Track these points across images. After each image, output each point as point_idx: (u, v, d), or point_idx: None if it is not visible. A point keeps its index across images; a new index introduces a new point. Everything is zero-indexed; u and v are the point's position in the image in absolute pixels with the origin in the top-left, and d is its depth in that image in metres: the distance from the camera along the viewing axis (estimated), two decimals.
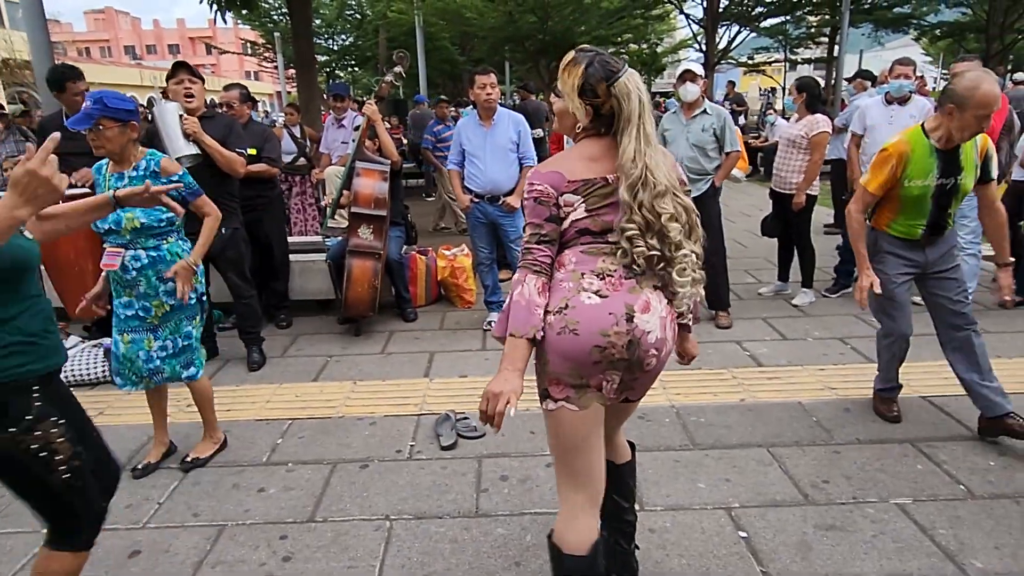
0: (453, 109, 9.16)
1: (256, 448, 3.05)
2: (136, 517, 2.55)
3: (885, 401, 3.20)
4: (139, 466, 2.85)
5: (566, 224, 1.65)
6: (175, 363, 2.77)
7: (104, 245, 2.67)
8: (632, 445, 2.05)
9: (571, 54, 1.66)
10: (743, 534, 2.35)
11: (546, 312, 1.60)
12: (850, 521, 2.40)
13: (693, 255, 1.68)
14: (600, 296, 1.60)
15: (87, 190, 3.83)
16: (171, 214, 2.54)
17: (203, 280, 2.86)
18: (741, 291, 5.29)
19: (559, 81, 1.68)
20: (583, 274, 1.63)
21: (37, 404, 1.58)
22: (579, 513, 1.68)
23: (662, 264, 1.64)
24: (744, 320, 4.59)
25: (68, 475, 1.62)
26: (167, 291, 2.68)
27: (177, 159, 3.53)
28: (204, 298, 2.89)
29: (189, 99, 3.72)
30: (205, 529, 2.46)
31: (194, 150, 3.60)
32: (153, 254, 2.65)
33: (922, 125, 2.81)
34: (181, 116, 3.58)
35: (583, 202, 1.63)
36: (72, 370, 3.74)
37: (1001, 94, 2.68)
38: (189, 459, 2.89)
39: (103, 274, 2.63)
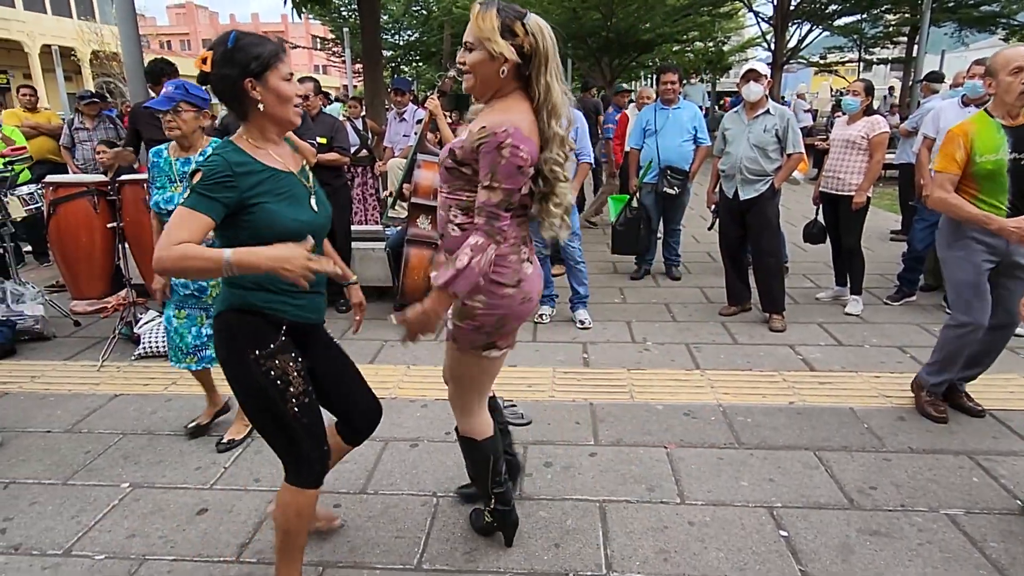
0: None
1: None
2: (204, 479, 2.75)
3: (933, 398, 3.14)
4: (189, 425, 3.10)
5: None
6: None
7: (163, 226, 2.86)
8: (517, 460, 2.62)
9: (475, 5, 1.72)
10: (784, 533, 2.35)
11: (501, 284, 1.84)
12: (896, 528, 2.37)
13: (569, 197, 1.91)
14: (530, 262, 1.92)
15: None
16: None
17: None
18: (798, 295, 5.20)
19: (472, 31, 1.73)
20: (518, 246, 1.88)
21: (283, 339, 1.82)
22: (484, 413, 2.14)
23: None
24: (799, 324, 4.51)
25: (297, 409, 1.81)
26: None
27: None
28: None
29: None
30: (265, 494, 2.64)
31: None
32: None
33: (986, 108, 2.91)
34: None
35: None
36: (149, 341, 4.03)
37: None
38: (225, 440, 2.99)
39: None
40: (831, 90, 23.09)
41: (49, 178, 4.98)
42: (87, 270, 4.77)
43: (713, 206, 4.97)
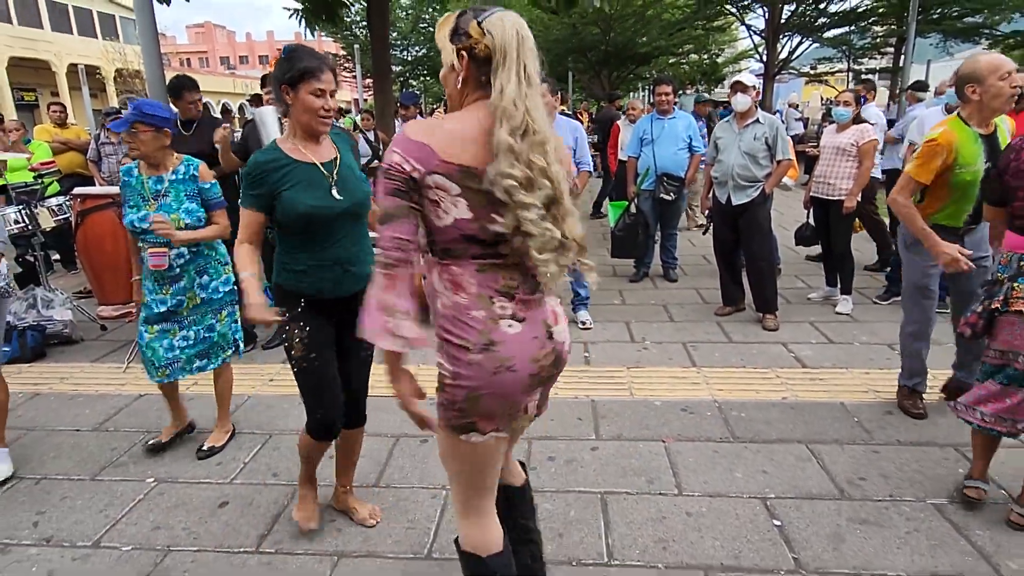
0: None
1: None
2: (225, 473, 2.87)
3: (911, 396, 3.27)
4: (150, 443, 3.07)
5: (447, 220, 1.41)
6: (191, 353, 2.95)
7: (140, 244, 2.87)
8: (523, 464, 1.93)
9: (446, 14, 1.49)
10: (777, 523, 2.45)
11: (463, 348, 1.43)
12: (885, 517, 2.47)
13: (550, 232, 1.40)
14: (519, 320, 1.46)
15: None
16: (205, 216, 2.89)
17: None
18: (790, 295, 5.33)
19: (437, 42, 1.49)
20: (491, 298, 1.45)
21: (299, 310, 2.19)
22: (489, 520, 1.64)
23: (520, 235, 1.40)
24: (791, 323, 4.65)
25: (297, 370, 2.22)
26: (201, 284, 2.93)
27: None
28: (235, 291, 3.00)
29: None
30: (283, 488, 2.75)
31: None
32: (194, 249, 2.89)
33: (958, 114, 2.90)
34: (280, 119, 3.93)
35: (462, 196, 1.39)
36: None
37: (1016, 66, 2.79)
38: (206, 448, 3.03)
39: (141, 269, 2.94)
40: (821, 99, 23.33)
41: (77, 190, 5.17)
42: (113, 277, 4.91)
43: (707, 211, 5.12)
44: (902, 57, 14.54)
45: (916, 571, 2.18)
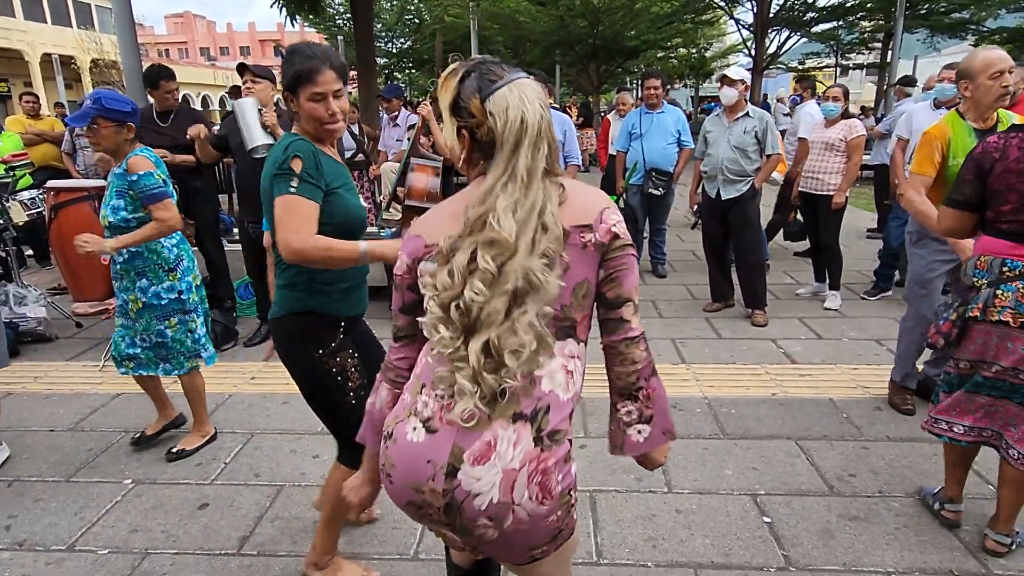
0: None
1: (312, 419, 3.20)
2: (205, 474, 2.81)
3: (900, 392, 3.27)
4: (135, 436, 3.03)
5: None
6: (151, 354, 2.85)
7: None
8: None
9: (453, 64, 1.23)
10: (767, 519, 2.44)
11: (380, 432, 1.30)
12: (874, 513, 2.47)
13: (524, 334, 1.12)
14: (428, 430, 1.16)
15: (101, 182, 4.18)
16: (141, 214, 2.68)
17: (187, 280, 2.85)
18: (779, 291, 5.33)
19: (439, 101, 1.26)
20: (422, 386, 1.21)
21: (341, 336, 1.95)
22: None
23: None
24: (780, 319, 4.64)
25: (355, 401, 1.95)
26: (141, 288, 2.76)
27: (252, 148, 3.81)
28: (187, 299, 2.84)
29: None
30: (265, 488, 2.70)
31: (270, 140, 3.85)
32: (133, 249, 2.73)
33: (957, 109, 2.90)
34: (260, 110, 3.85)
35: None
36: None
37: (1013, 65, 2.73)
38: (175, 450, 2.93)
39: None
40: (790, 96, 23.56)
41: (50, 183, 5.05)
42: (88, 273, 4.82)
43: (696, 207, 5.10)
44: (889, 52, 14.62)
45: (905, 567, 2.18)
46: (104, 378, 3.85)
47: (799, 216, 5.10)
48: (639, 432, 1.30)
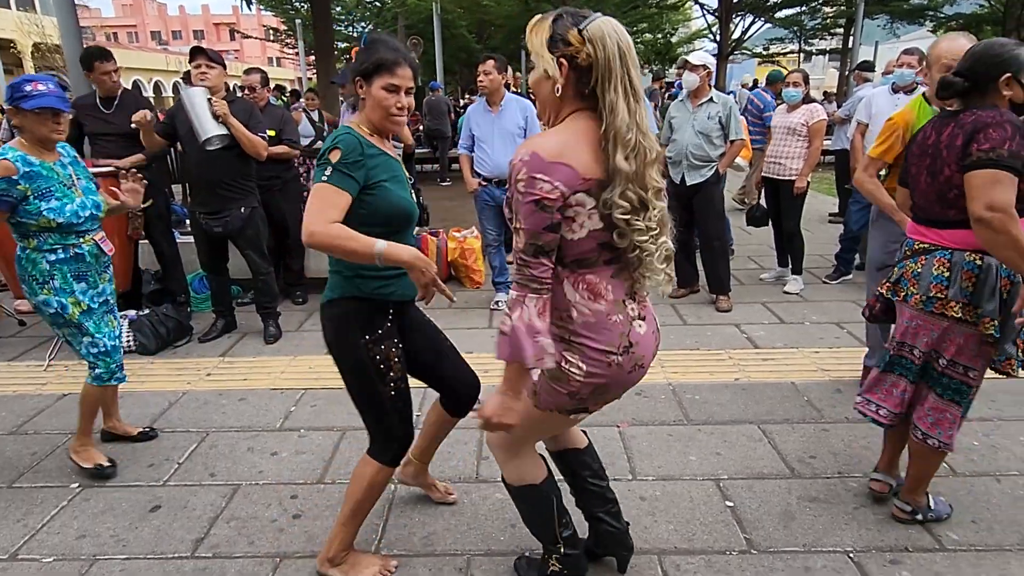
0: None
1: (270, 415, 3.21)
2: (157, 475, 2.71)
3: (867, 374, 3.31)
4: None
5: (581, 233, 1.43)
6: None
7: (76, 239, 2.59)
8: (583, 431, 2.04)
9: (538, 16, 1.46)
10: (730, 503, 2.46)
11: (606, 352, 1.51)
12: (834, 494, 2.50)
13: (665, 247, 1.53)
14: (642, 319, 1.58)
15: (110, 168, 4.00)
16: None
17: (60, 301, 2.56)
18: (743, 276, 5.39)
19: (528, 46, 1.47)
20: (624, 301, 1.54)
21: (389, 324, 1.95)
22: (535, 453, 1.86)
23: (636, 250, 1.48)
24: (744, 304, 4.69)
25: (394, 392, 1.95)
26: (31, 291, 2.58)
27: (205, 140, 3.66)
28: (68, 316, 2.57)
29: (203, 83, 3.84)
30: (221, 488, 2.62)
31: (223, 131, 3.70)
32: (17, 253, 2.58)
33: (923, 95, 2.97)
34: (210, 99, 3.69)
35: (595, 208, 1.42)
36: None
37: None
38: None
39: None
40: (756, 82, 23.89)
41: None
42: None
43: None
44: (851, 38, 14.85)
45: (863, 546, 2.22)
46: (49, 379, 3.69)
47: (762, 201, 5.14)
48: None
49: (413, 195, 2.01)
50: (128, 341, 3.96)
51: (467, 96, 12.15)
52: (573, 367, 1.53)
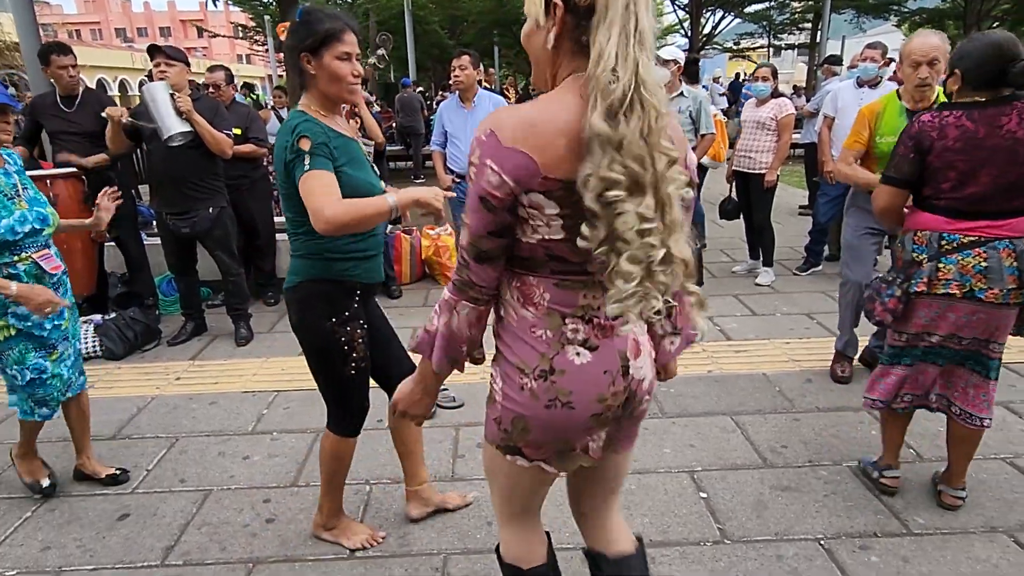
0: None
1: (242, 418, 3.16)
2: (125, 483, 2.65)
3: (839, 360, 3.40)
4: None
5: (532, 239, 1.14)
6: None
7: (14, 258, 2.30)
8: (639, 538, 1.57)
9: None
10: (703, 495, 2.48)
11: (518, 369, 1.23)
12: (804, 483, 2.54)
13: (653, 250, 1.06)
14: (589, 349, 1.20)
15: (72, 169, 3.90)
16: None
17: None
18: (715, 269, 5.45)
19: None
20: (564, 318, 1.19)
21: (356, 306, 1.97)
22: (531, 532, 1.50)
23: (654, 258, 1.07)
24: (717, 297, 4.73)
25: (355, 371, 2.00)
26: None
27: (168, 137, 3.57)
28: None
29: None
30: (192, 494, 2.57)
31: (187, 127, 3.62)
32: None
33: (897, 90, 3.05)
34: (173, 95, 3.60)
35: (559, 215, 1.10)
36: None
37: (940, 47, 2.78)
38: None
39: None
40: (744, 74, 24.14)
41: None
42: None
43: None
44: (819, 33, 15.08)
45: (833, 533, 2.25)
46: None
47: (734, 194, 5.19)
48: (671, 343, 1.44)
49: (375, 170, 2.03)
50: (94, 346, 3.86)
51: (440, 92, 12.08)
52: (493, 381, 1.31)
